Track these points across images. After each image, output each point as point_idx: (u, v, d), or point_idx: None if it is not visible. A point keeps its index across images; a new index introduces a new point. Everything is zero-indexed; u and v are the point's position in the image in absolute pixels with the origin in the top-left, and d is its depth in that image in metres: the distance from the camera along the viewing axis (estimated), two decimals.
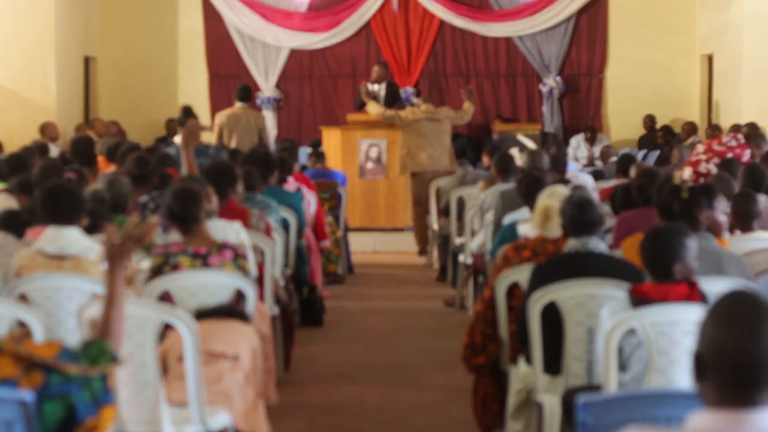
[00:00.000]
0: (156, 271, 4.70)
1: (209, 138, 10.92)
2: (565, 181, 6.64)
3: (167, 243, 4.83)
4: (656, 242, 3.86)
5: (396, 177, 10.94)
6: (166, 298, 4.60)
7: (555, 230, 4.75)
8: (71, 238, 4.57)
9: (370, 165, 11.36)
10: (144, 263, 4.83)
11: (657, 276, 3.84)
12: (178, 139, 8.55)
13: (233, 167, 6.17)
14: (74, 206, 4.63)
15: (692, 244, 3.87)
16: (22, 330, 4.00)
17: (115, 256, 2.91)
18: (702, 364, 1.97)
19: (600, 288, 4.18)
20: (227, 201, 5.95)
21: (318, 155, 10.07)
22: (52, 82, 12.32)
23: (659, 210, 4.90)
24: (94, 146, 7.65)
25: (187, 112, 8.29)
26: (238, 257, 4.77)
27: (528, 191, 5.19)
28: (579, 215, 4.36)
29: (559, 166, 7.63)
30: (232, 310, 4.62)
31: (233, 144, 10.19)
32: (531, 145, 11.69)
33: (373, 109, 10.44)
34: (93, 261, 4.57)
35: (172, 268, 4.68)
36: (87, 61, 13.58)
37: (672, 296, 3.78)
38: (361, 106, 11.51)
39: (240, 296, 4.72)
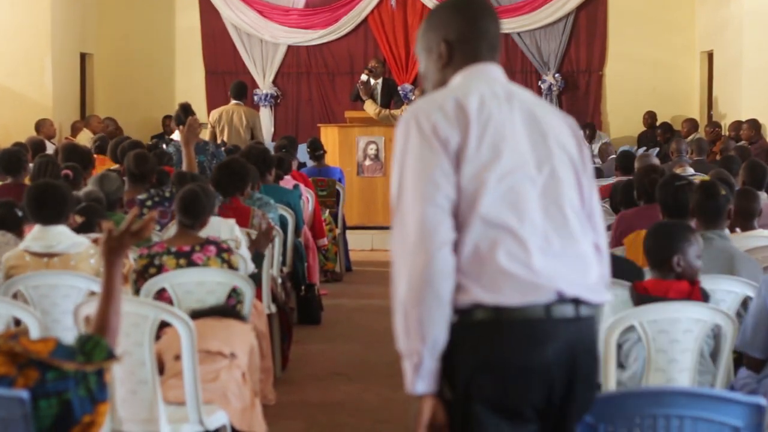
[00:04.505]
0: (141, 274, 4.68)
1: (204, 135, 10.89)
2: None
3: (150, 245, 4.82)
4: (659, 233, 3.87)
5: None
6: (160, 296, 4.59)
7: None
8: (58, 235, 4.54)
9: (368, 162, 11.34)
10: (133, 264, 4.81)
11: (656, 267, 3.82)
12: (176, 136, 8.52)
13: (247, 169, 6.16)
14: (61, 206, 4.60)
15: (696, 242, 3.85)
16: (18, 328, 3.97)
17: (113, 249, 2.88)
18: (452, 49, 2.53)
19: None
20: (232, 199, 5.94)
21: (316, 158, 9.99)
22: (48, 79, 12.29)
23: (663, 206, 4.88)
24: (88, 154, 7.59)
25: (187, 110, 8.25)
26: (222, 251, 4.75)
27: None
28: None
29: None
30: (229, 311, 4.60)
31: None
32: None
33: (369, 108, 10.41)
34: (81, 256, 4.54)
35: (158, 269, 4.67)
36: (83, 58, 13.55)
37: (672, 293, 3.76)
38: (356, 98, 11.48)
39: (233, 293, 4.70)
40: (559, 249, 2.37)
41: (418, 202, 2.31)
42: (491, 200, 2.34)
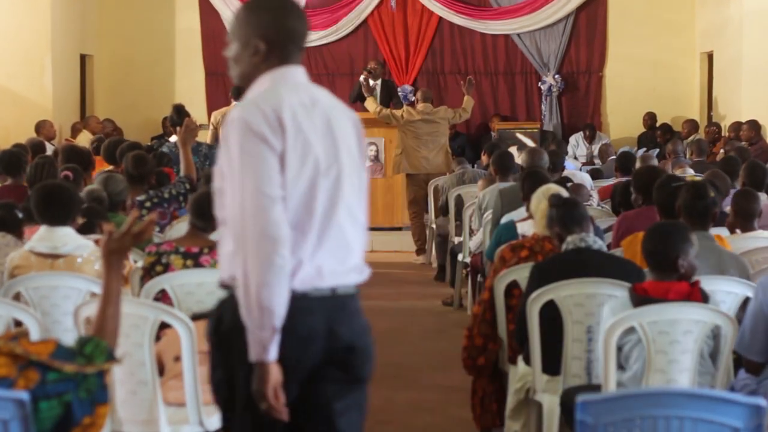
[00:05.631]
0: (148, 271, 4.68)
1: (204, 136, 10.89)
2: (563, 180, 6.61)
3: (159, 242, 4.82)
4: (663, 235, 3.84)
5: (394, 176, 10.91)
6: (162, 297, 4.58)
7: None
8: (64, 237, 4.54)
9: (367, 163, 11.32)
10: (140, 263, 4.81)
11: (660, 270, 3.82)
12: (175, 138, 8.52)
13: None
14: (69, 207, 4.60)
15: (694, 242, 3.86)
16: (19, 329, 3.98)
17: (113, 252, 2.88)
18: (269, 48, 2.80)
19: (599, 287, 4.16)
20: None
21: None
22: (48, 81, 12.29)
23: (660, 208, 4.88)
24: (88, 155, 7.58)
25: (180, 111, 8.24)
26: None
27: (531, 189, 5.16)
28: (570, 213, 4.40)
29: (556, 165, 7.59)
30: None
31: None
32: (530, 143, 11.67)
33: (370, 106, 10.40)
34: (87, 259, 4.54)
35: (164, 268, 4.67)
36: (83, 59, 13.55)
37: (672, 294, 3.76)
38: (355, 99, 11.47)
39: None
40: (329, 245, 2.78)
41: (264, 202, 2.67)
42: (295, 206, 2.73)
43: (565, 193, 4.96)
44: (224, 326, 2.78)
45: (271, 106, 2.71)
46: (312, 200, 2.74)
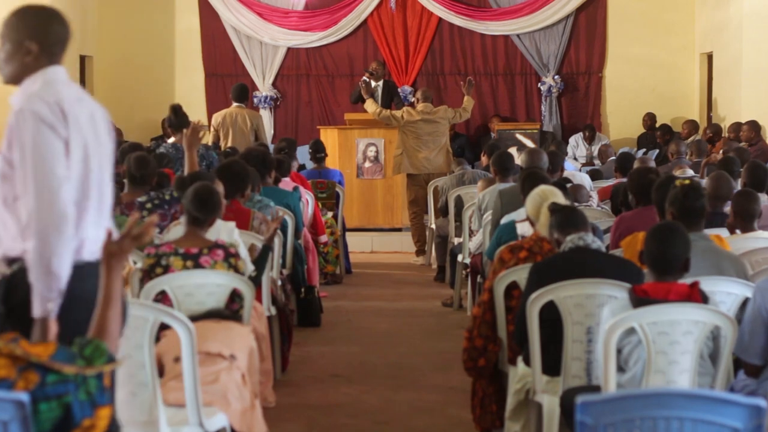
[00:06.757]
0: (147, 273, 4.68)
1: (205, 138, 10.89)
2: (563, 181, 6.61)
3: (158, 244, 4.82)
4: (671, 238, 3.82)
5: (394, 176, 10.91)
6: (162, 298, 4.58)
7: None
8: None
9: (367, 164, 11.34)
10: (139, 264, 4.81)
11: (664, 272, 3.80)
12: (173, 139, 8.51)
13: (247, 171, 6.16)
14: None
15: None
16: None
17: (113, 254, 2.88)
18: (41, 50, 3.18)
19: (598, 288, 4.16)
20: (232, 201, 5.95)
21: (318, 160, 9.99)
22: None
23: (660, 208, 4.87)
24: None
25: (177, 112, 8.23)
26: (229, 256, 4.75)
27: (531, 189, 5.17)
28: (567, 217, 4.41)
29: (555, 165, 7.59)
30: (227, 313, 4.60)
31: (229, 144, 10.17)
32: (530, 144, 11.67)
33: (370, 107, 10.41)
34: None
35: (164, 269, 4.67)
36: (83, 60, 13.54)
37: (672, 295, 3.76)
38: (356, 100, 11.48)
39: (233, 296, 4.69)
40: (101, 221, 3.22)
41: (54, 182, 3.07)
42: (76, 186, 3.14)
43: (558, 194, 4.97)
44: (17, 297, 3.15)
45: (54, 98, 3.14)
46: (87, 181, 3.18)
